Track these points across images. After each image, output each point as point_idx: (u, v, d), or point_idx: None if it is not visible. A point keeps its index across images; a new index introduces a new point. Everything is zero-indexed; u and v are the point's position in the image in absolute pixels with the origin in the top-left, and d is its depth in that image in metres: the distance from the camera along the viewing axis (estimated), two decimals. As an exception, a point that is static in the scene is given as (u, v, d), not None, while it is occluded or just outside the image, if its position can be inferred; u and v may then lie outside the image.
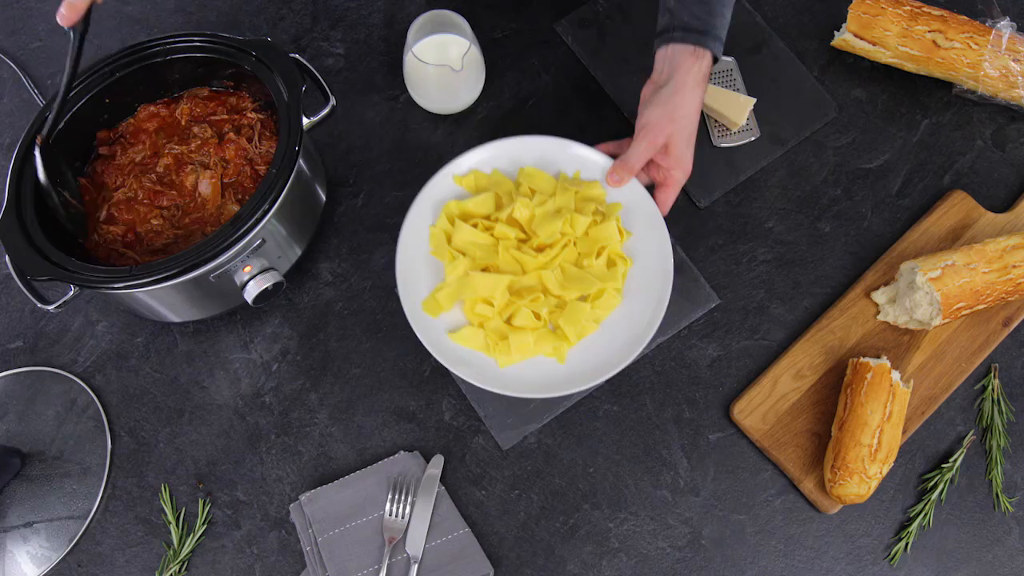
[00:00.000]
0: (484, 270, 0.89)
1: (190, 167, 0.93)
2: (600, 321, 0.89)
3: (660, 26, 0.89)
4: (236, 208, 0.92)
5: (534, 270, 0.90)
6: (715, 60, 0.89)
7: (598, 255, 0.90)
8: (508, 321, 0.89)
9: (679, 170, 0.89)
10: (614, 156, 0.92)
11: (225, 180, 0.93)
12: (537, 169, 0.94)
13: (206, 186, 0.92)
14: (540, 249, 0.90)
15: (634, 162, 0.89)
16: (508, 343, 0.86)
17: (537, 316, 0.88)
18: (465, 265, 0.89)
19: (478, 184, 0.94)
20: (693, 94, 0.87)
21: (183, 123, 0.97)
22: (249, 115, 0.96)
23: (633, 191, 0.92)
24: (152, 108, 0.97)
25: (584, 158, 0.93)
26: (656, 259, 0.89)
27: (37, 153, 0.87)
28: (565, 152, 0.94)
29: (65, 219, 0.89)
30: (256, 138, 0.95)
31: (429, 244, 0.92)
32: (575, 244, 0.91)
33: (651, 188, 0.92)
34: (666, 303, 0.87)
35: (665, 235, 0.89)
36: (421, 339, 0.86)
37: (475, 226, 0.91)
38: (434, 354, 0.85)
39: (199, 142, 0.94)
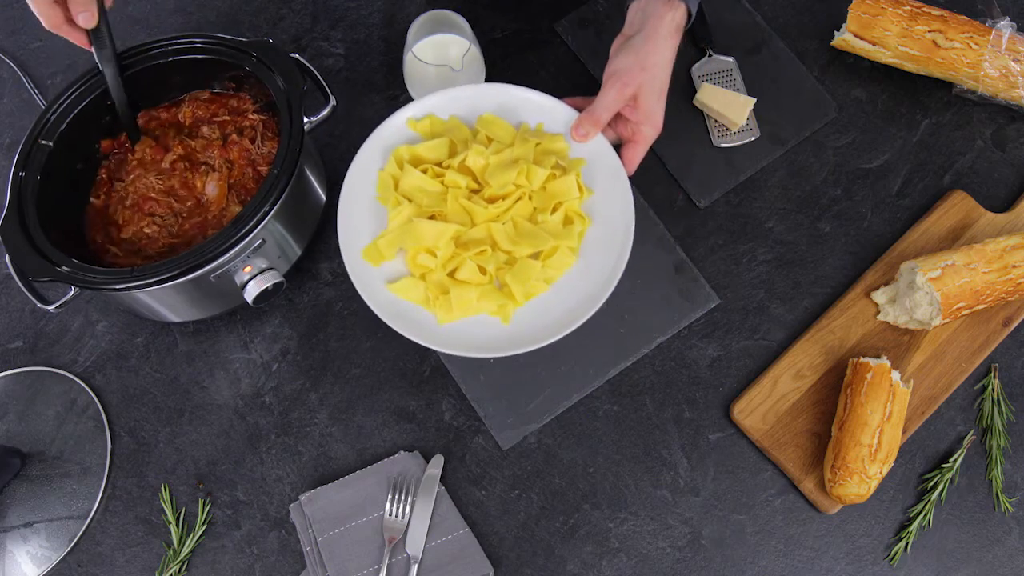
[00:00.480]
0: (431, 219, 0.84)
1: (203, 167, 0.93)
2: (551, 282, 0.84)
3: None
4: (239, 210, 0.92)
5: (484, 222, 0.84)
6: (690, 18, 0.84)
7: (554, 211, 0.85)
8: (451, 275, 0.83)
9: (649, 125, 0.84)
10: (582, 111, 0.87)
11: (229, 182, 0.93)
12: (497, 117, 0.88)
13: (213, 188, 0.92)
14: (492, 200, 0.85)
15: (600, 113, 0.83)
16: (449, 298, 0.81)
17: (483, 271, 0.82)
18: (409, 211, 0.84)
19: (434, 130, 0.89)
20: (666, 43, 0.83)
21: (187, 124, 0.97)
22: (251, 116, 0.96)
23: (598, 147, 0.86)
24: (152, 113, 0.97)
25: (549, 110, 0.88)
26: (618, 221, 0.84)
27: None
28: (529, 102, 0.88)
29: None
30: (259, 139, 0.95)
31: (376, 189, 0.87)
32: (530, 198, 0.85)
33: (619, 149, 0.88)
34: (622, 267, 0.81)
35: (629, 196, 0.84)
36: (357, 288, 0.82)
37: (425, 172, 0.86)
38: (370, 305, 0.81)
39: (205, 142, 0.94)
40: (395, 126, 0.89)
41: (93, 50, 0.88)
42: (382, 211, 0.87)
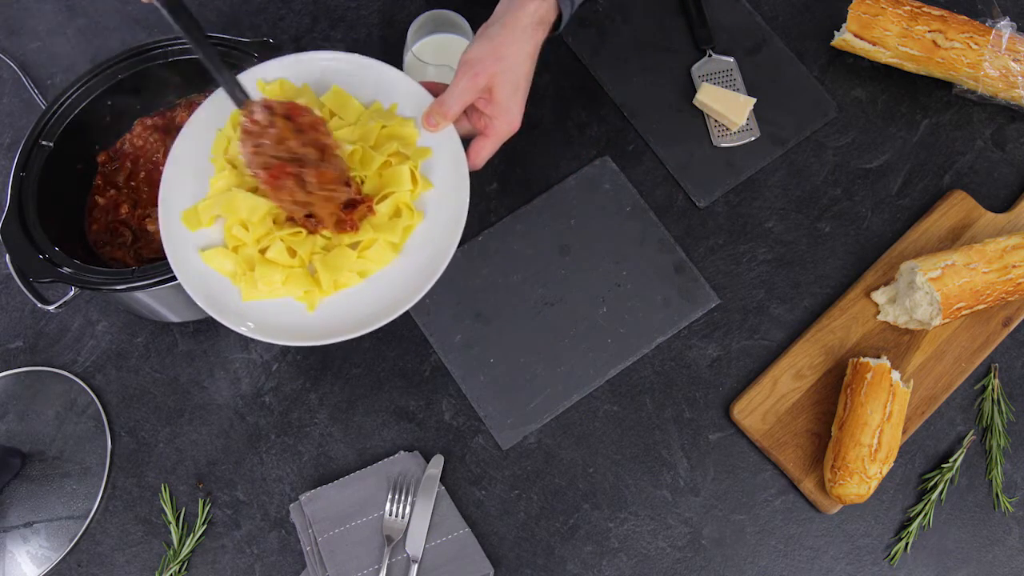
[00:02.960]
0: (255, 190, 0.78)
1: None
2: (366, 275, 0.78)
3: None
4: None
5: None
6: (560, 18, 0.81)
7: (380, 201, 0.79)
8: (263, 252, 0.78)
9: (502, 120, 0.79)
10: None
11: None
12: (345, 93, 0.82)
13: None
14: None
15: (451, 103, 0.78)
16: (254, 275, 0.77)
17: (292, 253, 0.78)
18: (230, 179, 0.79)
19: (285, 95, 0.82)
20: (524, 34, 0.78)
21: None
22: None
23: (447, 138, 0.80)
24: (148, 121, 0.97)
25: (405, 91, 0.82)
26: (448, 220, 0.78)
27: None
28: (386, 81, 0.83)
29: None
30: None
31: (211, 150, 0.81)
32: (363, 183, 0.79)
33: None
34: (440, 270, 0.76)
35: (465, 195, 0.78)
36: (166, 249, 0.78)
37: None
38: (175, 271, 0.77)
39: None
40: (247, 85, 0.81)
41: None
42: (212, 172, 0.81)
